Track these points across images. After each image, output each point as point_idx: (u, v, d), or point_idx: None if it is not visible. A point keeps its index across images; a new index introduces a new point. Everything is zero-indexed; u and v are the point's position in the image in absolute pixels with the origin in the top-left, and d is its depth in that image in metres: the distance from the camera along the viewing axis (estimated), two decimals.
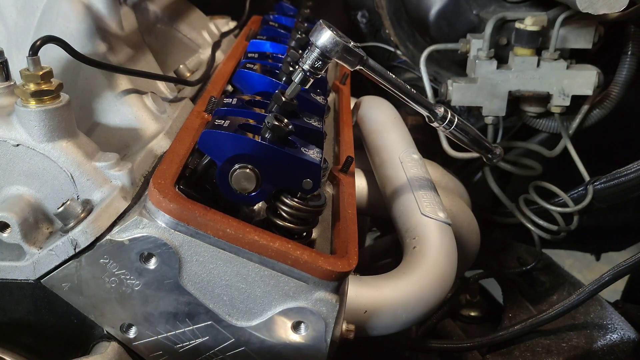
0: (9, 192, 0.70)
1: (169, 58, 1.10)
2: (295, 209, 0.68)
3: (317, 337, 0.67)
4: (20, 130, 0.66)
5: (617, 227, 1.52)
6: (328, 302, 0.66)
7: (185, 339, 0.70)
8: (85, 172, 0.68)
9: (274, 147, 0.64)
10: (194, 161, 0.73)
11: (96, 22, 0.86)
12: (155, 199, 0.64)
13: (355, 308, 0.83)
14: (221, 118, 0.69)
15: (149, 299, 0.68)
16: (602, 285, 0.91)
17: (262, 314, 0.67)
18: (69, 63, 0.80)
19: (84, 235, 0.65)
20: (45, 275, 0.68)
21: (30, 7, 0.86)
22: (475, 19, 1.37)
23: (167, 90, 0.95)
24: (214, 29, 1.28)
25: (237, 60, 1.03)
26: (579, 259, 2.46)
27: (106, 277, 0.67)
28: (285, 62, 0.91)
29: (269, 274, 0.65)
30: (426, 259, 0.92)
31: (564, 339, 1.05)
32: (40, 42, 0.66)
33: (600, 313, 1.08)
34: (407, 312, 0.87)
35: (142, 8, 1.06)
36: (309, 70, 0.69)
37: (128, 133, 0.83)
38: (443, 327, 1.23)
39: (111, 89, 0.82)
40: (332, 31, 0.64)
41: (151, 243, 0.65)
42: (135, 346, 0.71)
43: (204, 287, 0.67)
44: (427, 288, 0.89)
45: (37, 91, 0.65)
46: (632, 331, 1.04)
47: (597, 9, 1.05)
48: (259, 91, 0.88)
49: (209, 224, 0.64)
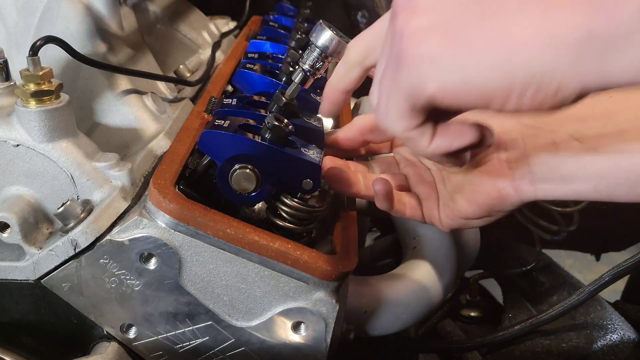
0: (8, 192, 0.70)
1: (169, 58, 1.10)
2: (295, 209, 0.68)
3: (317, 338, 0.67)
4: (20, 131, 0.66)
5: (617, 227, 1.52)
6: (328, 302, 0.66)
7: (185, 339, 0.70)
8: (85, 172, 0.68)
9: (274, 147, 0.64)
10: (194, 161, 0.73)
11: (96, 23, 0.86)
12: (155, 199, 0.64)
13: (355, 308, 0.83)
14: (221, 118, 0.69)
15: (149, 299, 0.68)
16: (602, 285, 0.91)
17: (262, 314, 0.68)
18: (69, 63, 0.80)
19: (84, 235, 0.65)
20: (45, 276, 0.68)
21: (30, 7, 0.86)
22: None
23: (167, 90, 0.95)
24: (214, 29, 1.28)
25: (237, 61, 1.03)
26: (579, 259, 2.46)
27: (106, 278, 0.67)
28: (285, 62, 0.91)
29: (269, 274, 0.65)
30: (426, 259, 0.92)
31: (564, 339, 1.05)
32: (40, 43, 0.66)
33: (600, 313, 1.08)
34: (407, 312, 0.87)
35: (142, 8, 1.06)
36: (309, 70, 0.69)
37: (128, 133, 0.83)
38: (443, 328, 1.23)
39: (111, 89, 0.82)
40: (332, 31, 0.64)
41: (151, 243, 0.65)
42: (135, 346, 0.71)
43: (204, 287, 0.67)
44: (427, 288, 0.89)
45: (37, 91, 0.65)
46: (632, 331, 1.04)
47: None
48: (258, 91, 0.88)
49: (209, 224, 0.64)
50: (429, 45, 0.44)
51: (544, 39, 0.40)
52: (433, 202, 0.72)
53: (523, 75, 0.41)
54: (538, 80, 0.41)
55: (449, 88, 0.45)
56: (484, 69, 0.42)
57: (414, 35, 0.45)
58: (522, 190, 0.63)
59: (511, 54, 0.41)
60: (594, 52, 0.39)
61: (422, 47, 0.45)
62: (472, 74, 0.43)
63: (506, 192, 0.64)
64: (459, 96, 0.45)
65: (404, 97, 0.48)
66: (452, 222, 0.70)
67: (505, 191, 0.64)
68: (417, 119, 0.49)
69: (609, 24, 0.38)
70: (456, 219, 0.69)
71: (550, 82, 0.41)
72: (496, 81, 0.42)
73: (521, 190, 0.63)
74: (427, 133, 0.51)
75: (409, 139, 0.52)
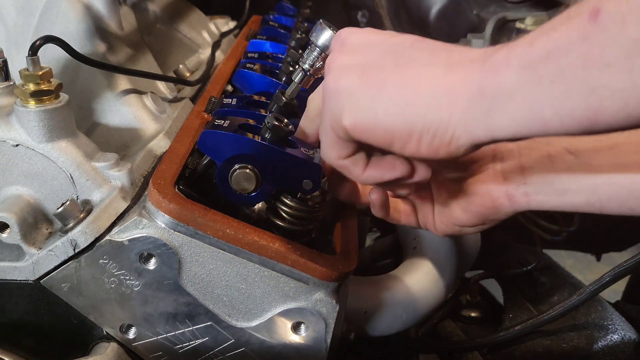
0: (8, 192, 0.69)
1: (168, 58, 1.10)
2: (295, 210, 0.67)
3: (317, 338, 0.67)
4: (20, 131, 0.66)
5: (617, 228, 1.52)
6: (328, 302, 0.66)
7: (185, 339, 0.70)
8: (84, 172, 0.68)
9: (274, 147, 0.64)
10: (194, 161, 0.73)
11: (96, 22, 0.86)
12: (154, 200, 0.64)
13: (356, 308, 0.83)
14: (221, 118, 0.69)
15: (148, 300, 0.68)
16: (602, 285, 0.91)
17: (262, 314, 0.67)
18: (69, 63, 0.80)
19: (84, 235, 0.65)
20: (45, 276, 0.68)
21: (30, 7, 0.86)
22: (476, 19, 1.37)
23: (167, 90, 0.95)
24: (214, 29, 1.28)
25: (237, 60, 1.03)
26: (579, 259, 2.45)
27: (106, 278, 0.67)
28: (285, 62, 0.91)
29: (268, 274, 0.65)
30: (426, 259, 0.92)
31: (564, 339, 1.05)
32: (39, 42, 0.65)
33: (601, 314, 1.08)
34: (407, 312, 0.87)
35: (141, 8, 1.06)
36: (309, 70, 0.68)
37: (128, 133, 0.82)
38: (443, 328, 1.23)
39: (111, 89, 0.82)
40: (332, 31, 0.64)
41: (151, 243, 0.64)
42: (134, 347, 0.71)
43: (204, 287, 0.67)
44: (427, 288, 0.89)
45: (36, 91, 0.65)
46: (633, 332, 1.03)
47: None
48: (258, 91, 0.88)
49: (209, 224, 0.64)
50: (348, 82, 0.50)
51: (443, 93, 0.46)
52: (428, 209, 0.74)
53: (422, 123, 0.46)
54: (434, 129, 0.46)
55: (360, 123, 0.49)
56: (390, 112, 0.47)
57: (338, 70, 0.51)
58: (516, 201, 0.66)
59: (413, 103, 0.47)
60: (482, 107, 0.44)
61: (342, 82, 0.50)
62: (380, 115, 0.48)
63: (500, 202, 0.67)
64: (367, 132, 0.49)
65: (330, 127, 0.52)
66: (447, 228, 0.72)
67: (499, 201, 0.67)
68: (346, 149, 0.54)
69: (496, 80, 0.43)
70: (450, 225, 0.71)
71: (445, 132, 0.46)
72: (398, 125, 0.47)
73: (515, 201, 0.66)
74: (360, 164, 0.55)
75: (342, 167, 0.56)
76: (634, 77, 0.36)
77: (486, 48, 0.47)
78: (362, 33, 0.55)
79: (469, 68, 0.46)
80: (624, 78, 0.37)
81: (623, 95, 0.37)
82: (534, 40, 0.42)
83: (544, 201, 0.65)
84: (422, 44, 0.51)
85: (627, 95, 0.37)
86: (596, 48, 0.37)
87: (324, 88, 0.53)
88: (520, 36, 0.45)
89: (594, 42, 0.38)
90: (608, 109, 0.38)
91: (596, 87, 0.38)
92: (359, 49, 0.53)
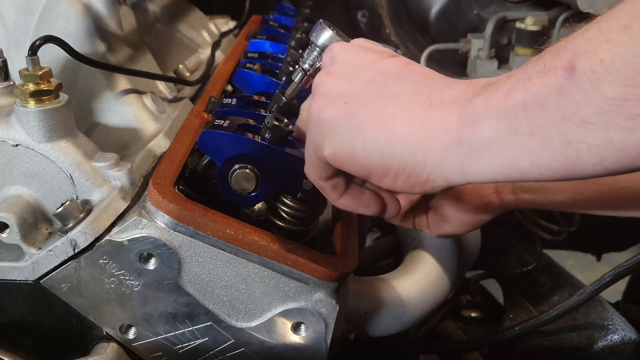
0: (8, 192, 0.69)
1: (168, 58, 1.09)
2: (295, 210, 0.67)
3: (317, 338, 0.67)
4: (19, 130, 0.66)
5: (618, 228, 1.51)
6: (328, 303, 0.66)
7: (185, 339, 0.70)
8: (84, 172, 0.68)
9: (274, 147, 0.64)
10: (194, 161, 0.73)
11: (95, 22, 0.86)
12: (154, 200, 0.64)
13: (356, 308, 0.82)
14: (221, 118, 0.69)
15: (148, 300, 0.68)
16: (603, 285, 0.91)
17: (262, 314, 0.67)
18: (68, 63, 0.80)
19: (83, 235, 0.65)
20: (45, 276, 0.68)
21: (30, 6, 0.86)
22: (476, 18, 1.37)
23: (167, 90, 0.95)
24: (214, 28, 1.28)
25: (236, 60, 1.03)
26: (579, 259, 2.45)
27: (105, 278, 0.67)
28: (285, 62, 0.91)
29: (268, 274, 0.65)
30: (426, 259, 0.92)
31: (564, 339, 1.05)
32: (39, 42, 0.65)
33: (601, 314, 1.07)
34: (408, 312, 0.87)
35: (141, 8, 1.06)
36: (309, 70, 0.68)
37: (127, 133, 0.82)
38: (444, 328, 1.23)
39: (110, 89, 0.82)
40: (332, 30, 0.64)
41: (150, 243, 0.64)
42: (134, 347, 0.71)
43: (204, 287, 0.67)
44: (427, 288, 0.89)
45: (36, 91, 0.65)
46: (633, 332, 1.03)
47: (598, 9, 1.05)
48: (258, 91, 0.88)
49: (209, 224, 0.64)
50: (331, 114, 0.50)
51: (420, 137, 0.46)
52: (423, 211, 0.77)
53: (398, 163, 0.47)
54: (410, 169, 0.47)
55: (339, 155, 0.50)
56: (368, 149, 0.48)
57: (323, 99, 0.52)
58: (504, 199, 0.70)
59: (391, 143, 0.47)
60: (459, 154, 0.44)
61: (325, 113, 0.51)
62: (359, 150, 0.49)
63: (489, 200, 0.70)
64: (346, 164, 0.50)
65: (313, 151, 0.53)
66: (440, 229, 0.75)
67: (488, 199, 0.70)
68: (326, 172, 0.55)
69: (472, 131, 0.43)
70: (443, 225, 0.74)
71: (420, 173, 0.47)
72: (375, 161, 0.48)
73: (503, 199, 0.70)
74: (338, 189, 0.56)
75: (321, 188, 0.57)
76: (610, 133, 0.36)
77: (468, 84, 0.47)
78: (353, 52, 0.55)
79: (448, 112, 0.46)
80: (600, 135, 0.36)
81: (600, 150, 0.37)
82: (511, 90, 0.41)
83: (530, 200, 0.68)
84: (408, 75, 0.50)
85: (603, 150, 0.37)
86: (572, 104, 0.37)
87: (309, 112, 0.53)
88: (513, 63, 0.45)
89: (569, 99, 0.37)
90: (586, 162, 0.38)
91: (573, 142, 0.38)
92: (346, 72, 0.53)
